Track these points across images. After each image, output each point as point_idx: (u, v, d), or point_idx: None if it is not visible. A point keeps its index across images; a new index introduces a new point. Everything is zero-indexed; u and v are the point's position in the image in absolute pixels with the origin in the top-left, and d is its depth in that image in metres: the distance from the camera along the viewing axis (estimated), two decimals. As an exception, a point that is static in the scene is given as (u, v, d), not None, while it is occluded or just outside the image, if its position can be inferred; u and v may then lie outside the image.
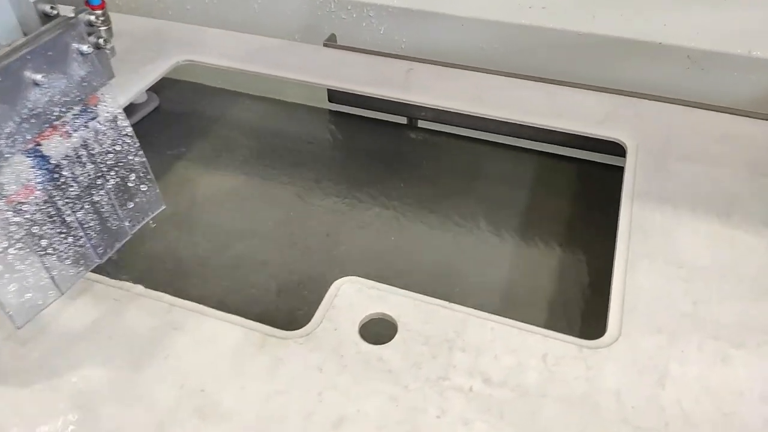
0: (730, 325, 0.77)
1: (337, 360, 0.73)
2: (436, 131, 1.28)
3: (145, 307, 0.78)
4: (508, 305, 0.94)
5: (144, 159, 0.75)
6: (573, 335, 0.77)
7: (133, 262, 1.00)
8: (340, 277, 0.82)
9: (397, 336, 0.75)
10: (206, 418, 0.67)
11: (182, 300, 0.79)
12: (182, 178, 1.19)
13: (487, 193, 1.14)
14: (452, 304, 0.79)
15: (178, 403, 0.69)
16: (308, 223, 1.09)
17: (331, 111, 1.34)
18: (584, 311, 0.93)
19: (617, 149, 1.05)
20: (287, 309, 0.95)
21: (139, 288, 0.80)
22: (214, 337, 0.75)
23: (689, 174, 0.97)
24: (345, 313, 0.78)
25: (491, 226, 1.07)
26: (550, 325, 0.79)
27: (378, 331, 0.78)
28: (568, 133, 1.07)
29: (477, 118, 1.14)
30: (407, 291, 0.81)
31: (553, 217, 1.08)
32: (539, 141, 1.17)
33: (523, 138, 1.18)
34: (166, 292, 0.80)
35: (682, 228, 0.89)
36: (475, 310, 0.78)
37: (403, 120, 1.31)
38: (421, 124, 1.30)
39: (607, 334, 0.76)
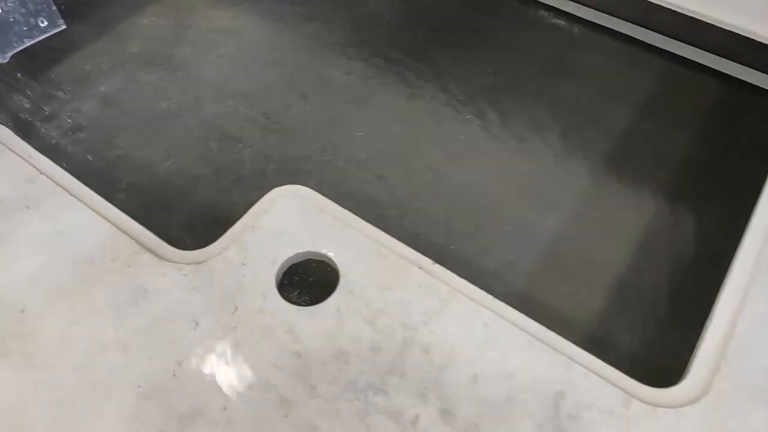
0: None
1: (226, 316, 0.46)
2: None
3: None
4: (547, 281, 0.62)
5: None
6: (626, 365, 0.46)
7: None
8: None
9: (333, 296, 0.47)
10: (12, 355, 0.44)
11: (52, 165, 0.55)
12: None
13: (576, 103, 0.77)
14: (442, 268, 0.49)
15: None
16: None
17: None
18: (667, 327, 0.59)
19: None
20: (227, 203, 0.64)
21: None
22: (74, 229, 0.51)
23: None
24: (268, 243, 0.50)
25: (564, 146, 0.72)
26: (589, 335, 0.48)
27: (308, 281, 0.51)
28: (707, 23, 0.69)
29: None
30: (373, 227, 0.51)
31: (666, 157, 0.71)
32: (660, 33, 0.77)
33: (642, 26, 0.78)
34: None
35: None
36: (477, 289, 0.48)
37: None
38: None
39: (681, 385, 0.44)
